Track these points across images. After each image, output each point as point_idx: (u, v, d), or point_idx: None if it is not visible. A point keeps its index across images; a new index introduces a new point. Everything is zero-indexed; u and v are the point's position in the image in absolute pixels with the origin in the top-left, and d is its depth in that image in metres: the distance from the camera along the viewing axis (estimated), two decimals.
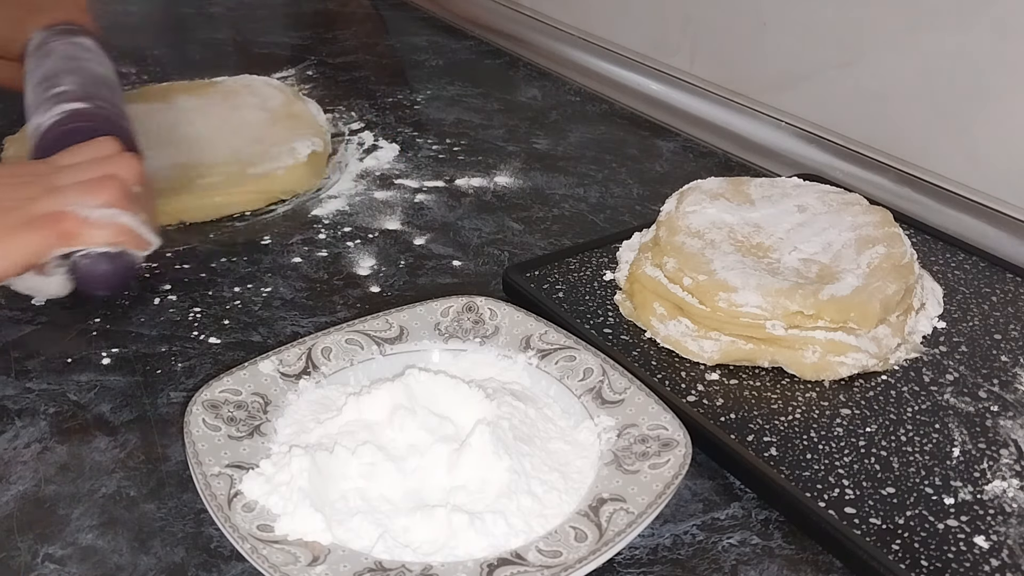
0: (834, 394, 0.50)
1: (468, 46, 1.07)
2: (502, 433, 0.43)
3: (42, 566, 0.40)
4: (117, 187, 0.52)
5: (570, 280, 0.59)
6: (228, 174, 0.70)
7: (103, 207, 0.51)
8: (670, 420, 0.44)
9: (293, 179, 0.71)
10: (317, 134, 0.77)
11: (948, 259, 0.62)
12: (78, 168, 0.53)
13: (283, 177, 0.71)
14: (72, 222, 0.50)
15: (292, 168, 0.71)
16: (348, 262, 0.63)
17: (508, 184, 0.75)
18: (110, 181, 0.52)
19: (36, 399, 0.50)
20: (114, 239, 0.51)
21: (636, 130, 0.86)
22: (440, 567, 0.37)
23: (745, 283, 0.51)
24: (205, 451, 0.41)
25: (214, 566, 0.40)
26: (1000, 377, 0.51)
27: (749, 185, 0.61)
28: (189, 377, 0.52)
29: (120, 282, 0.53)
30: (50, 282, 0.53)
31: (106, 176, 0.52)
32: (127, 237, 0.52)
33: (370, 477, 0.41)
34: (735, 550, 0.42)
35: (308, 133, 0.76)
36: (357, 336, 0.50)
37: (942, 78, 0.69)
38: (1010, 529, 0.42)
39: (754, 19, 0.82)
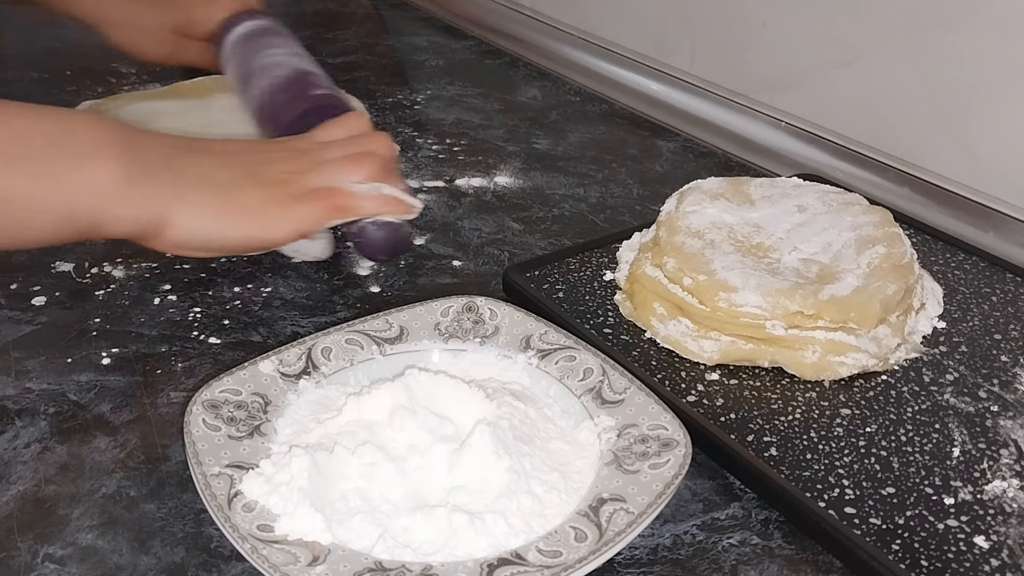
0: (834, 394, 0.50)
1: (468, 46, 1.07)
2: (502, 433, 0.43)
3: (42, 566, 0.40)
4: (378, 161, 0.56)
5: (570, 280, 0.59)
6: None
7: (367, 180, 0.55)
8: (670, 420, 0.44)
9: None
10: None
11: (948, 259, 0.62)
12: (339, 144, 0.57)
13: None
14: (343, 196, 0.54)
15: None
16: (348, 262, 0.63)
17: (508, 184, 0.75)
18: (370, 156, 0.56)
19: (36, 399, 0.50)
20: (382, 209, 0.55)
21: (636, 130, 0.86)
22: (440, 567, 0.37)
23: (745, 283, 0.51)
24: (205, 451, 0.41)
25: (214, 566, 0.40)
26: (1000, 377, 0.51)
27: (749, 185, 0.61)
28: (189, 377, 0.52)
29: (398, 247, 0.57)
30: (315, 244, 0.59)
31: (366, 152, 0.56)
32: (393, 206, 0.55)
33: (370, 477, 0.41)
34: (735, 550, 0.42)
35: None
36: (357, 336, 0.50)
37: (942, 78, 0.69)
38: (1010, 529, 0.42)
39: (754, 19, 0.82)
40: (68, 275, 0.60)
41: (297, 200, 0.53)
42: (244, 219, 0.52)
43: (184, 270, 0.61)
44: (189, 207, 0.51)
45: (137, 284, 0.60)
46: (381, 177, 0.55)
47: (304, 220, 0.54)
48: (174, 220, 0.50)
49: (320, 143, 0.58)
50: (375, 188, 0.55)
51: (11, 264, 0.61)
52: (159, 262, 0.62)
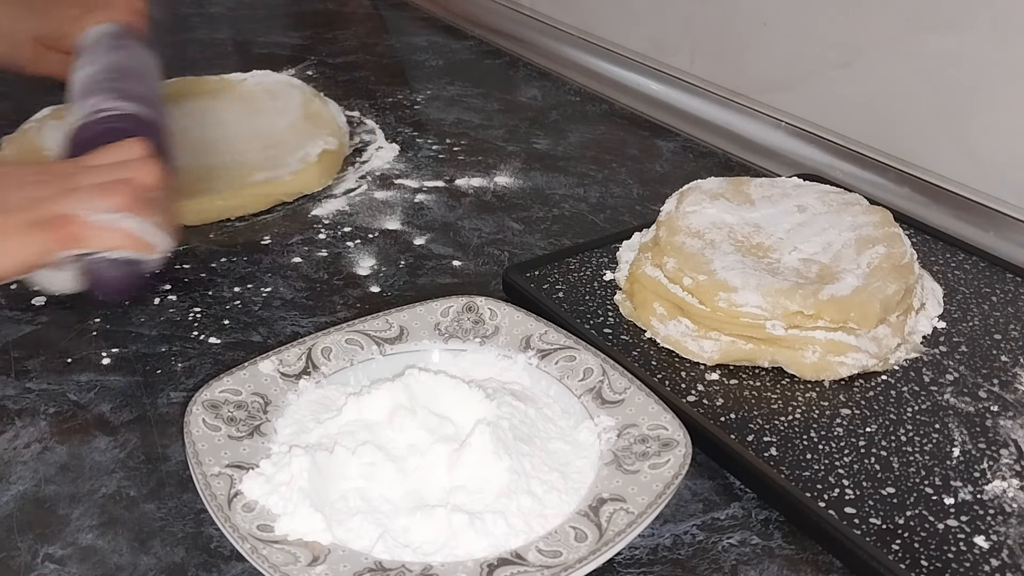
0: (834, 394, 0.50)
1: (468, 46, 1.07)
2: (502, 433, 0.43)
3: (42, 566, 0.40)
4: (129, 191, 0.52)
5: (570, 280, 0.59)
6: (230, 179, 0.70)
7: (112, 211, 0.51)
8: (670, 420, 0.44)
9: (299, 183, 0.71)
10: (333, 134, 0.76)
11: (948, 259, 0.62)
12: (97, 170, 0.54)
13: (287, 182, 0.71)
14: (77, 225, 0.50)
15: (298, 173, 0.71)
16: (348, 262, 0.63)
17: (508, 184, 0.75)
18: (123, 185, 0.52)
19: (36, 399, 0.50)
20: (119, 244, 0.52)
21: (636, 130, 0.86)
22: (440, 567, 0.37)
23: (745, 283, 0.51)
24: (205, 451, 0.41)
25: (214, 566, 0.40)
26: (1000, 377, 0.51)
27: (749, 185, 0.61)
28: (189, 377, 0.52)
29: (130, 286, 0.54)
30: (59, 277, 0.53)
31: (120, 180, 0.53)
32: (132, 242, 0.52)
33: (370, 477, 0.41)
34: (735, 550, 0.42)
35: (323, 134, 0.76)
36: (357, 336, 0.50)
37: (942, 78, 0.69)
38: (1010, 529, 0.42)
39: (754, 19, 0.82)
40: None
41: (29, 228, 0.50)
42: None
43: (184, 270, 0.61)
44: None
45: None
46: (131, 207, 0.52)
47: (32, 250, 0.50)
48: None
49: (82, 167, 0.55)
50: (116, 220, 0.51)
51: None
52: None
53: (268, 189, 0.70)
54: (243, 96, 0.85)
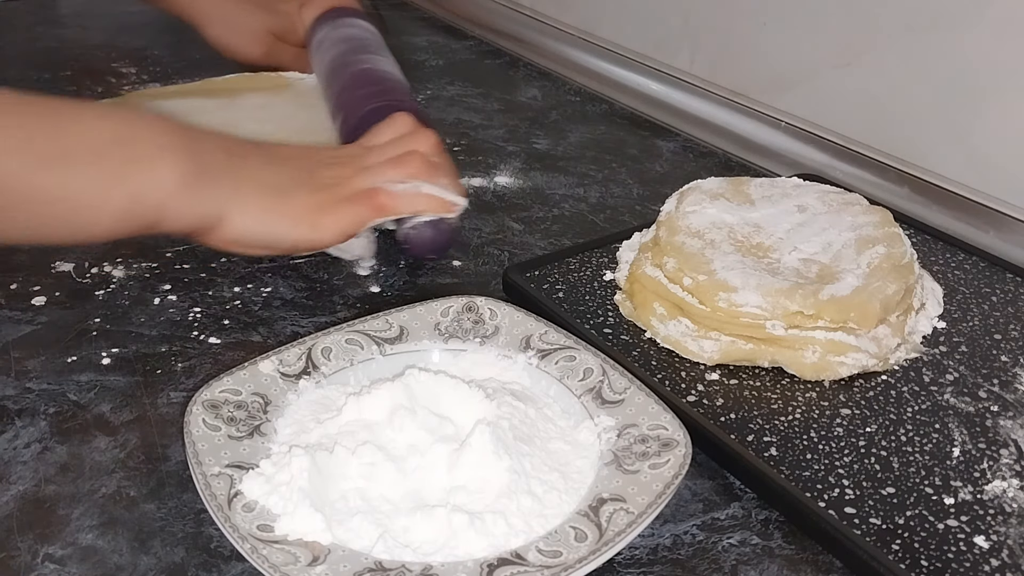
0: (834, 394, 0.50)
1: (468, 46, 1.07)
2: (502, 433, 0.43)
3: (42, 566, 0.40)
4: (419, 160, 0.58)
5: (570, 280, 0.59)
6: None
7: (408, 179, 0.57)
8: (670, 420, 0.44)
9: None
10: None
11: (948, 259, 0.62)
12: (383, 147, 0.60)
13: None
14: (383, 196, 0.56)
15: None
16: (348, 262, 0.63)
17: (508, 184, 0.75)
18: (411, 156, 0.58)
19: (36, 399, 0.50)
20: (423, 207, 0.57)
21: (636, 130, 0.86)
22: (440, 567, 0.37)
23: (745, 283, 0.51)
24: (205, 451, 0.41)
25: (214, 566, 0.40)
26: (1000, 377, 0.51)
27: (749, 185, 0.61)
28: (189, 377, 0.52)
29: (439, 244, 0.59)
30: (357, 244, 0.59)
31: (408, 152, 0.58)
32: (433, 203, 0.57)
33: (370, 477, 0.41)
34: (735, 550, 0.42)
35: None
36: (357, 336, 0.50)
37: (942, 78, 0.69)
38: (1010, 529, 0.42)
39: (754, 19, 0.82)
40: (68, 275, 0.60)
41: (342, 203, 0.55)
42: (295, 222, 0.54)
43: (184, 270, 0.61)
44: (245, 208, 0.53)
45: (137, 284, 0.60)
46: (423, 174, 0.57)
47: (349, 222, 0.56)
48: (229, 219, 0.52)
49: (367, 148, 0.60)
50: (415, 187, 0.57)
51: (11, 264, 0.61)
52: (159, 262, 0.62)
53: None
54: (299, 94, 0.85)
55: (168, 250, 0.63)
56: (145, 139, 0.50)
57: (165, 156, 0.50)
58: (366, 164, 0.58)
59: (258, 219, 0.53)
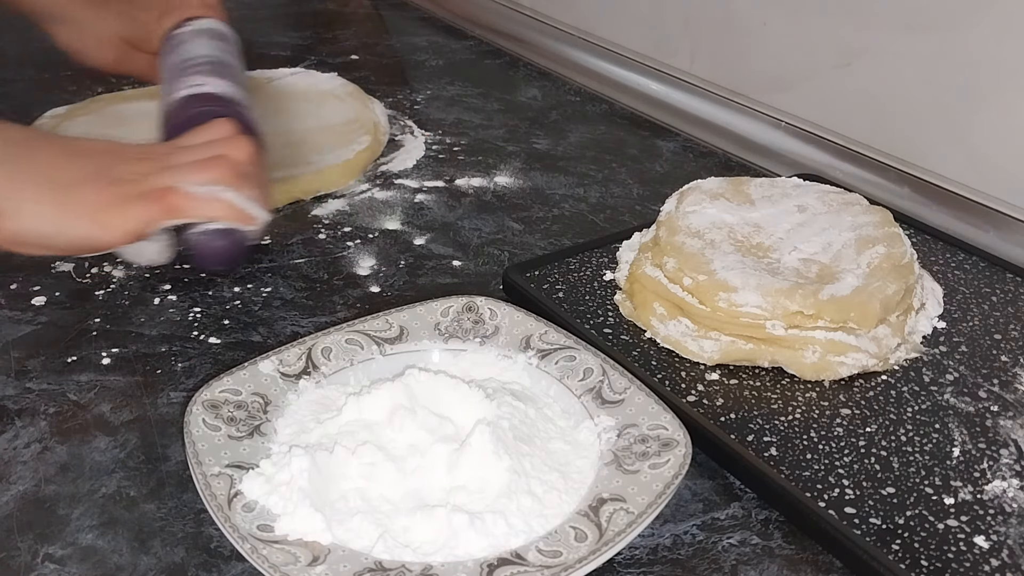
0: (834, 394, 0.50)
1: (468, 46, 1.07)
2: (502, 433, 0.43)
3: (42, 566, 0.40)
4: (226, 166, 0.55)
5: (570, 280, 0.59)
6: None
7: (210, 184, 0.54)
8: (670, 420, 0.44)
9: (319, 181, 0.72)
10: (368, 133, 0.77)
11: (948, 259, 0.62)
12: (193, 149, 0.57)
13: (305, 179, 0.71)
14: (178, 197, 0.53)
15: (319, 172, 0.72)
16: (348, 262, 0.63)
17: (508, 184, 0.75)
18: (219, 160, 0.55)
19: (36, 399, 0.50)
20: (218, 214, 0.54)
21: (636, 130, 0.86)
22: (440, 567, 0.37)
23: (745, 283, 0.51)
24: (205, 451, 0.41)
25: (214, 566, 0.40)
26: (1000, 377, 0.51)
27: (749, 185, 0.61)
28: (189, 377, 0.52)
29: (229, 257, 0.56)
30: (151, 247, 0.56)
31: (217, 156, 0.55)
32: (230, 212, 0.54)
33: (370, 477, 0.41)
34: (735, 550, 0.42)
35: (357, 134, 0.77)
36: (357, 336, 0.50)
37: (942, 78, 0.69)
38: (1010, 529, 0.42)
39: (754, 19, 0.82)
40: (68, 275, 0.60)
41: (133, 201, 0.52)
42: (78, 219, 0.51)
43: (184, 270, 0.61)
44: (23, 203, 0.50)
45: (137, 284, 0.60)
46: (228, 180, 0.54)
47: (137, 221, 0.53)
48: (7, 214, 0.50)
49: (177, 147, 0.57)
50: (214, 192, 0.54)
51: (11, 264, 0.61)
52: None
53: (286, 186, 0.70)
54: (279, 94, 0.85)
55: None
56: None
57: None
58: (171, 163, 0.55)
59: (34, 215, 0.50)
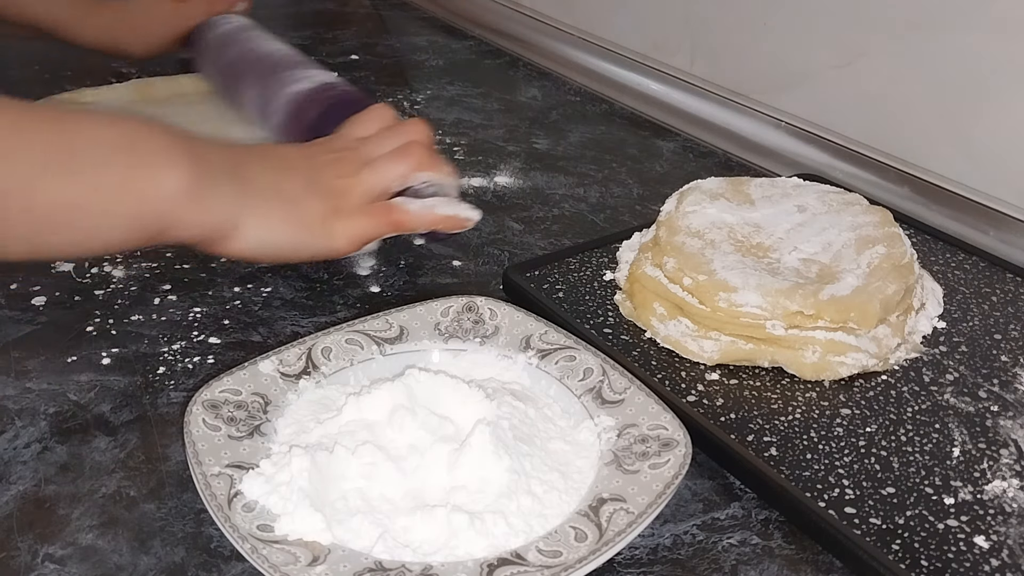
0: (834, 394, 0.50)
1: (468, 46, 1.07)
2: (502, 433, 0.43)
3: (42, 566, 0.40)
4: (420, 150, 0.56)
5: (570, 280, 0.59)
6: None
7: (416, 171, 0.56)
8: (670, 420, 0.44)
9: None
10: None
11: (948, 259, 0.62)
12: (378, 139, 0.58)
13: None
14: (400, 213, 0.55)
15: None
16: (348, 262, 0.63)
17: (508, 184, 0.75)
18: (412, 146, 0.56)
19: (36, 399, 0.50)
20: (437, 226, 0.57)
21: (636, 130, 0.86)
22: (440, 567, 0.37)
23: (745, 283, 0.51)
24: (205, 451, 0.41)
25: (214, 566, 0.40)
26: (1000, 377, 0.51)
27: (749, 185, 0.61)
28: (189, 377, 0.52)
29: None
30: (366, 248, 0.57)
31: (409, 143, 0.57)
32: (447, 222, 0.57)
33: (370, 477, 0.41)
34: (735, 550, 0.42)
35: None
36: (357, 336, 0.50)
37: (942, 78, 0.69)
38: (1010, 529, 0.42)
39: (754, 19, 0.82)
40: (68, 275, 0.60)
41: (356, 213, 0.54)
42: (310, 232, 0.53)
43: (184, 270, 0.61)
44: (257, 216, 0.51)
45: (137, 284, 0.60)
46: (427, 166, 0.56)
47: (365, 234, 0.55)
48: (242, 228, 0.51)
49: (359, 140, 0.58)
50: (432, 206, 0.56)
51: (11, 264, 0.61)
52: (159, 262, 0.62)
53: None
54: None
55: (168, 250, 0.63)
56: (149, 145, 0.49)
57: (169, 163, 0.48)
58: (367, 158, 0.56)
59: (272, 228, 0.52)
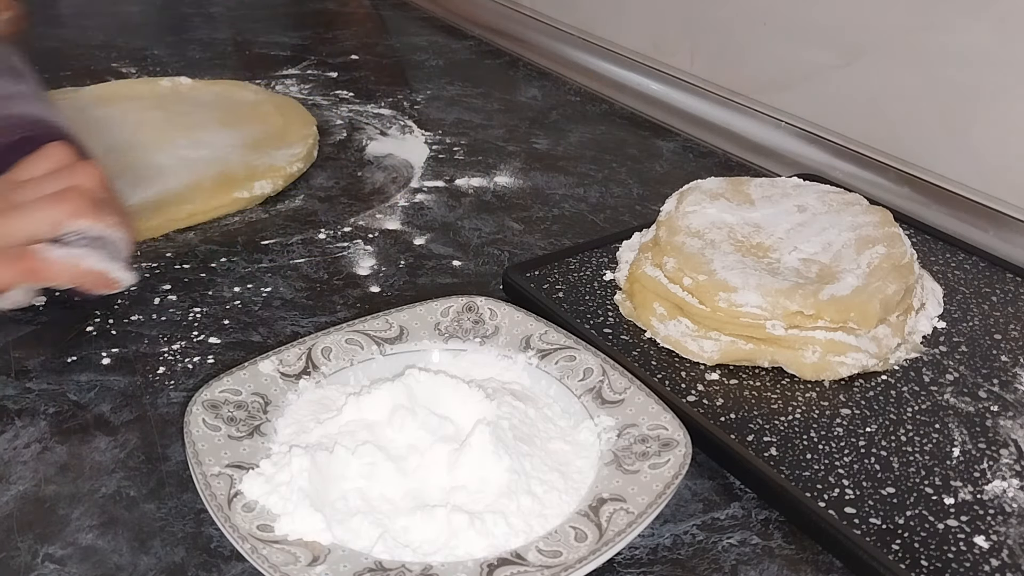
0: (834, 394, 0.50)
1: (468, 46, 1.07)
2: (502, 433, 0.43)
3: (42, 566, 0.40)
4: (81, 197, 0.50)
5: (570, 280, 0.59)
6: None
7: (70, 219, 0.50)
8: (670, 420, 0.44)
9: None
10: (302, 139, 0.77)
11: (948, 259, 0.62)
12: (38, 182, 0.51)
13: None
14: (36, 261, 0.49)
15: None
16: (348, 262, 0.63)
17: (508, 184, 0.75)
18: (71, 192, 0.50)
19: (36, 399, 0.50)
20: (77, 282, 0.50)
21: (636, 130, 0.86)
22: (440, 567, 0.37)
23: (745, 283, 0.51)
24: (205, 451, 0.41)
25: (214, 566, 0.40)
26: (1000, 377, 0.51)
27: (749, 185, 0.61)
28: (189, 377, 0.52)
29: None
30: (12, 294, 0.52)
31: (68, 188, 0.51)
32: (91, 279, 0.51)
33: (370, 477, 0.41)
34: (735, 550, 0.42)
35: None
36: (357, 336, 0.50)
37: (942, 78, 0.69)
38: (1010, 529, 0.42)
39: (754, 19, 0.82)
40: None
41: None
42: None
43: (184, 270, 0.61)
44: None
45: (137, 284, 0.60)
46: (86, 213, 0.50)
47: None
48: None
49: (18, 183, 0.52)
50: (77, 258, 0.50)
51: None
52: (159, 262, 0.62)
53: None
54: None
55: (168, 250, 0.63)
56: None
57: None
58: (16, 202, 0.50)
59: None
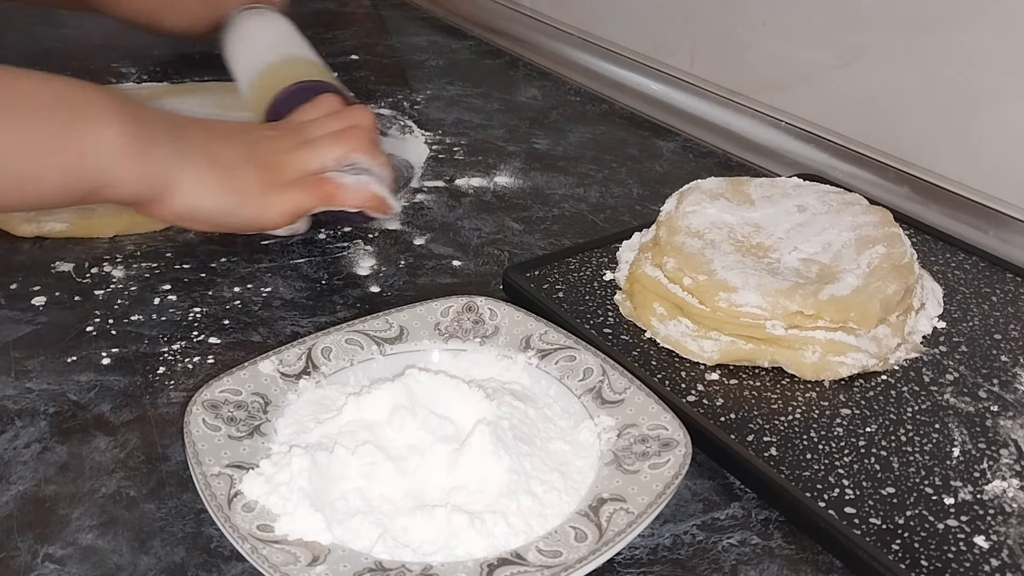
0: (834, 394, 0.50)
1: (468, 46, 1.07)
2: (502, 433, 0.43)
3: (42, 566, 0.40)
4: (363, 134, 0.58)
5: (570, 280, 0.59)
6: None
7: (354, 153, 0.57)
8: (670, 420, 0.44)
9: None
10: None
11: (948, 259, 0.62)
12: (321, 122, 0.59)
13: None
14: (332, 186, 0.56)
15: None
16: (348, 262, 0.63)
17: (508, 184, 0.75)
18: (354, 130, 0.58)
19: (36, 399, 0.50)
20: (365, 204, 0.58)
21: (636, 130, 0.86)
22: (440, 567, 0.37)
23: (745, 283, 0.51)
24: (205, 451, 0.41)
25: (214, 566, 0.40)
26: (1000, 377, 0.51)
27: (749, 185, 0.61)
28: (189, 377, 0.52)
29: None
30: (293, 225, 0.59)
31: (349, 127, 0.58)
32: (375, 203, 0.58)
33: (370, 477, 0.41)
34: (735, 550, 0.42)
35: None
36: (357, 336, 0.50)
37: (942, 78, 0.68)
38: (1010, 529, 0.42)
39: (754, 19, 0.82)
40: (68, 275, 0.60)
41: (291, 186, 0.55)
42: (244, 200, 0.54)
43: (184, 270, 0.61)
44: (193, 179, 0.52)
45: (137, 284, 0.60)
46: (367, 148, 0.57)
47: (297, 206, 0.56)
48: (178, 189, 0.51)
49: (304, 123, 0.59)
50: (366, 183, 0.57)
51: (11, 264, 0.61)
52: (159, 262, 0.62)
53: None
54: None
55: (168, 250, 0.63)
56: (89, 102, 0.49)
57: (110, 118, 0.49)
58: (307, 137, 0.57)
59: (206, 193, 0.52)
